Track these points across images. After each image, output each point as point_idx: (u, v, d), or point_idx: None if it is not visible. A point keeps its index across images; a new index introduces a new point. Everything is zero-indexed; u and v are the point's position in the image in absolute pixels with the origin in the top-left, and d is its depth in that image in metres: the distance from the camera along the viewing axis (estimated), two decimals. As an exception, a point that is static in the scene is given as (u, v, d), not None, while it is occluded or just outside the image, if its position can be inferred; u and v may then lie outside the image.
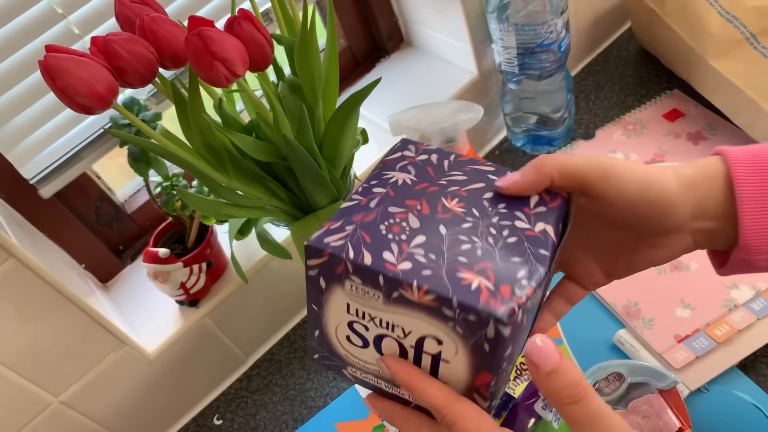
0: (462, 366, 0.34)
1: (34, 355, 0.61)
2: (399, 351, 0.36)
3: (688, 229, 0.39)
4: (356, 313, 0.35)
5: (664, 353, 0.61)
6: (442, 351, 0.34)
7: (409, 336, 0.35)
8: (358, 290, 0.34)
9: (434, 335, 0.34)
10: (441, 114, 0.59)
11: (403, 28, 0.92)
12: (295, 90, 0.54)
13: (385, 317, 0.35)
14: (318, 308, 0.36)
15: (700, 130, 0.80)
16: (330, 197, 0.55)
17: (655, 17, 0.80)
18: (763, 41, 0.70)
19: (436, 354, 0.35)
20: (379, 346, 0.36)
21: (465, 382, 0.35)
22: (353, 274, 0.34)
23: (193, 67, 0.45)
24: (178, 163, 0.50)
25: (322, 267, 0.35)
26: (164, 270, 0.66)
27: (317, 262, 0.35)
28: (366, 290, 0.34)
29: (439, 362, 0.35)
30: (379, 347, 0.36)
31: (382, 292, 0.34)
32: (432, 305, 0.33)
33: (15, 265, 0.56)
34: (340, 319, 0.36)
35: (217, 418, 0.75)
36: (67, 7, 0.59)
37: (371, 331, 0.36)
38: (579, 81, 0.92)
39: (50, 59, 0.42)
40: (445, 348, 0.34)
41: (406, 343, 0.35)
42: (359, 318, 0.35)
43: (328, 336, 0.37)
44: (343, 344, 0.37)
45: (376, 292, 0.34)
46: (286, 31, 0.56)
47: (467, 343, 0.33)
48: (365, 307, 0.35)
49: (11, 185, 0.66)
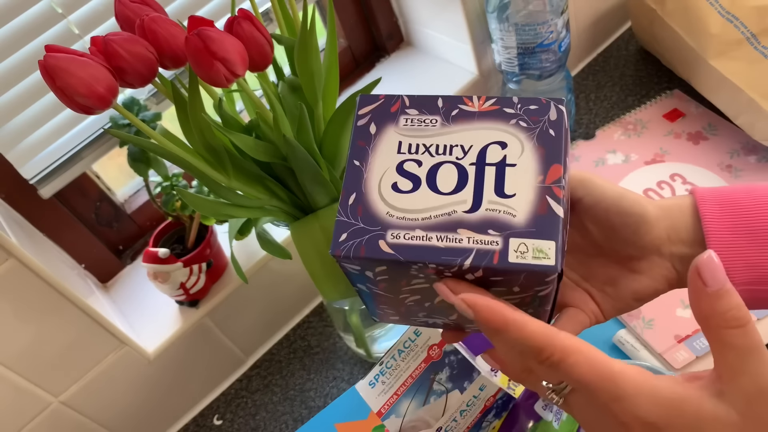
0: (530, 163, 0.33)
1: (33, 355, 0.61)
2: (458, 178, 0.33)
3: (667, 253, 0.39)
4: (409, 148, 0.34)
5: (665, 353, 0.61)
6: (507, 155, 0.33)
7: (470, 152, 0.33)
8: (413, 122, 0.35)
9: (498, 140, 0.33)
10: (441, 114, 0.59)
11: (403, 28, 0.91)
12: (295, 90, 0.54)
13: (443, 140, 0.34)
14: (361, 161, 0.34)
15: (701, 130, 0.79)
16: (330, 197, 0.55)
17: (655, 17, 0.80)
18: (763, 41, 0.70)
19: (501, 160, 0.33)
20: (434, 181, 0.33)
21: (536, 183, 0.32)
22: (409, 107, 0.35)
23: (193, 67, 0.45)
24: (177, 163, 0.50)
25: (374, 111, 0.35)
26: (164, 270, 0.66)
27: (370, 108, 0.35)
28: (423, 119, 0.34)
29: (504, 169, 0.33)
30: (434, 182, 0.33)
31: (441, 113, 0.34)
32: (493, 109, 0.33)
33: (15, 265, 0.56)
34: (388, 163, 0.34)
35: (217, 419, 0.75)
36: (66, 7, 0.59)
37: (425, 165, 0.34)
38: (579, 81, 0.92)
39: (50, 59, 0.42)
40: (510, 150, 0.33)
41: (466, 162, 0.33)
42: (412, 153, 0.34)
43: (368, 192, 0.34)
44: (387, 197, 0.34)
45: (434, 117, 0.34)
46: (286, 31, 0.56)
47: (532, 135, 0.33)
48: (420, 137, 0.34)
49: (11, 185, 0.66)
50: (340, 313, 0.69)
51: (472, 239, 0.32)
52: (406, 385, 0.55)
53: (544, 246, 0.31)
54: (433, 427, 0.52)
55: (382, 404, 0.56)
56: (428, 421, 0.52)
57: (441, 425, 0.52)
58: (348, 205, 0.34)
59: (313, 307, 0.82)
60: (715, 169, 0.75)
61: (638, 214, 0.38)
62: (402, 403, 0.55)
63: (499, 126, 0.33)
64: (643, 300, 0.41)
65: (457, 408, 0.52)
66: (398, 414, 0.55)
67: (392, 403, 0.55)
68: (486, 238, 0.32)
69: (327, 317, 0.80)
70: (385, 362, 0.56)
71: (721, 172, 0.74)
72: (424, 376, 0.55)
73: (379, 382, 0.56)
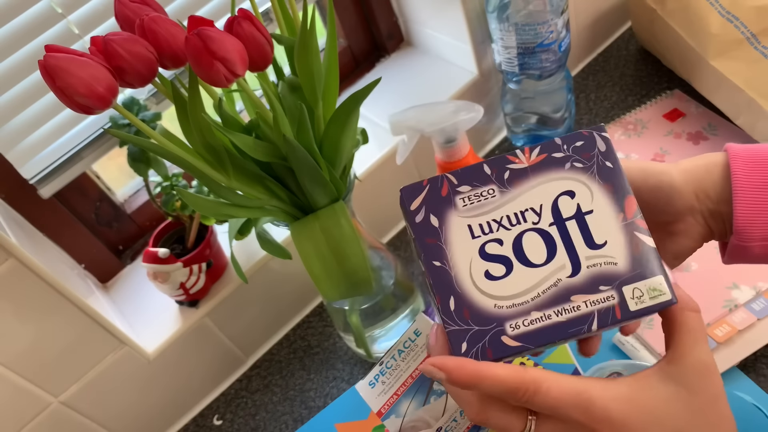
0: (605, 204, 0.32)
1: (33, 355, 0.61)
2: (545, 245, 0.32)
3: (698, 211, 0.41)
4: (482, 230, 0.32)
5: (665, 353, 0.61)
6: (579, 203, 0.32)
7: (543, 212, 0.32)
8: (471, 199, 0.33)
9: (564, 189, 0.32)
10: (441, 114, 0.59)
11: (403, 28, 0.91)
12: (295, 90, 0.54)
13: (510, 208, 0.32)
14: (441, 260, 0.32)
15: (701, 130, 0.79)
16: (330, 197, 0.55)
17: (655, 17, 0.80)
18: (763, 41, 0.70)
19: (577, 211, 0.32)
20: (523, 254, 0.32)
21: (620, 223, 0.32)
22: (459, 185, 0.33)
23: (193, 66, 0.45)
24: (177, 163, 0.50)
25: (426, 201, 0.33)
26: (164, 270, 0.66)
27: (420, 198, 0.33)
28: (479, 193, 0.33)
29: (585, 219, 0.32)
30: (524, 257, 0.32)
31: (493, 181, 0.32)
32: (542, 159, 0.32)
33: (15, 265, 0.56)
34: (469, 253, 0.32)
35: (217, 419, 0.75)
36: (66, 7, 0.59)
37: (506, 241, 0.32)
38: (579, 81, 0.92)
39: (50, 59, 0.42)
40: (580, 197, 0.32)
41: (545, 224, 0.32)
42: (487, 233, 0.32)
43: (466, 291, 0.32)
44: (486, 289, 0.32)
45: (489, 188, 0.32)
46: (286, 31, 0.56)
47: (592, 174, 0.32)
48: (487, 214, 0.32)
49: (11, 185, 0.66)
50: (340, 313, 0.69)
51: (588, 302, 0.32)
52: (406, 385, 0.55)
53: (656, 283, 0.32)
54: (433, 427, 0.52)
55: (382, 404, 0.56)
56: (428, 421, 0.52)
57: (441, 425, 0.52)
58: (451, 311, 0.32)
59: (313, 307, 0.82)
60: (715, 169, 0.75)
61: (667, 186, 0.40)
62: (402, 403, 0.55)
63: (557, 175, 0.32)
64: (682, 258, 0.43)
65: (457, 408, 0.52)
66: (398, 414, 0.55)
67: (392, 403, 0.55)
68: (601, 296, 0.32)
69: (327, 317, 0.80)
70: (385, 362, 0.56)
71: (721, 172, 0.74)
72: (424, 376, 0.55)
73: (379, 382, 0.56)
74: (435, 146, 0.60)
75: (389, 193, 0.82)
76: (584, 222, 0.32)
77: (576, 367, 0.64)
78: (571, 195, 0.32)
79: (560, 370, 0.63)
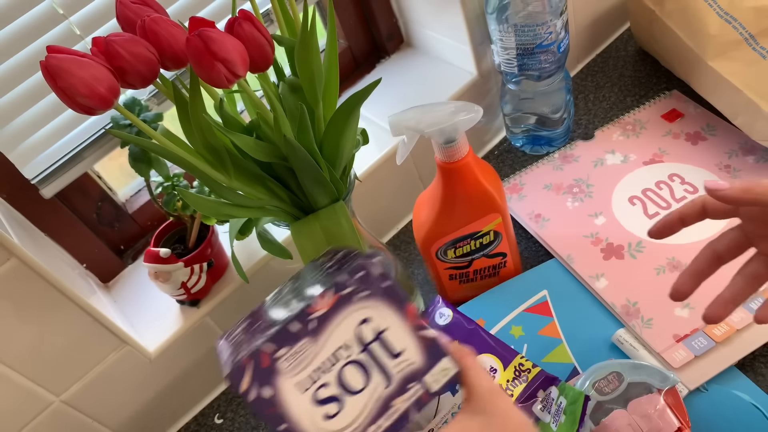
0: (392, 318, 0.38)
1: (35, 354, 0.62)
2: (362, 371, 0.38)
3: None
4: (309, 380, 0.37)
5: (663, 353, 0.61)
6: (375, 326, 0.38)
7: (351, 344, 0.37)
8: (291, 359, 0.37)
9: (361, 319, 0.37)
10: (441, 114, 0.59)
11: (403, 29, 0.92)
12: (296, 90, 0.55)
13: (326, 352, 0.37)
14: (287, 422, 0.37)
15: (699, 130, 0.80)
16: (330, 197, 0.55)
17: (654, 18, 0.80)
18: (761, 42, 0.70)
19: (376, 333, 0.38)
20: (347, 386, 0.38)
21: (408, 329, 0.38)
22: (277, 350, 0.36)
23: (194, 67, 0.45)
24: (178, 163, 0.50)
25: (253, 377, 0.36)
26: (165, 270, 0.66)
27: (248, 378, 0.36)
28: (295, 351, 0.37)
29: (383, 338, 0.38)
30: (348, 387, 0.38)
31: (304, 335, 0.36)
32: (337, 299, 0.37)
33: (16, 264, 0.56)
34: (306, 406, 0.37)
35: (218, 417, 0.76)
36: (68, 8, 0.59)
37: (331, 381, 0.37)
38: (578, 81, 0.92)
39: (51, 60, 0.42)
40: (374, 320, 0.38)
41: (355, 353, 0.37)
42: (316, 380, 0.37)
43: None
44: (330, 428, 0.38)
45: (302, 343, 0.37)
46: (286, 32, 0.56)
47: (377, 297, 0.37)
48: (309, 365, 0.37)
49: (13, 185, 0.66)
50: (340, 313, 0.69)
51: (403, 400, 0.39)
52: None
53: (444, 365, 0.39)
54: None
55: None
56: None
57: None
58: None
59: (313, 307, 0.82)
60: (713, 169, 0.75)
61: None
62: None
63: (351, 308, 0.37)
64: None
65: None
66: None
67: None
68: (410, 393, 0.39)
69: (327, 317, 0.80)
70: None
71: (719, 173, 0.74)
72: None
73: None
74: (435, 147, 0.60)
75: (389, 193, 0.82)
76: (383, 340, 0.38)
77: (575, 366, 0.64)
78: (367, 321, 0.38)
79: (560, 369, 0.63)
